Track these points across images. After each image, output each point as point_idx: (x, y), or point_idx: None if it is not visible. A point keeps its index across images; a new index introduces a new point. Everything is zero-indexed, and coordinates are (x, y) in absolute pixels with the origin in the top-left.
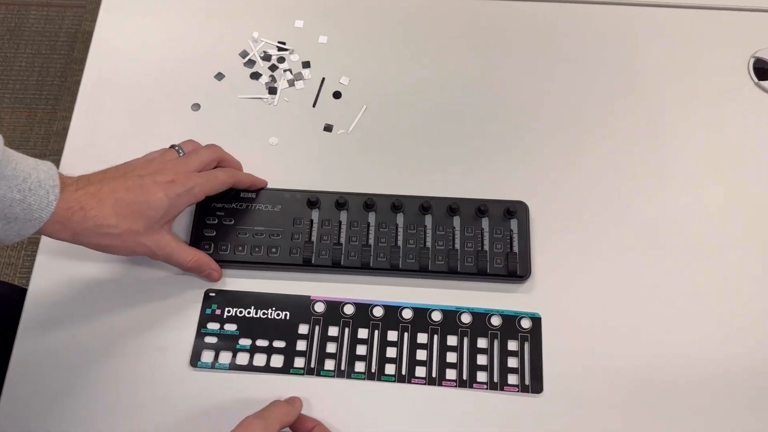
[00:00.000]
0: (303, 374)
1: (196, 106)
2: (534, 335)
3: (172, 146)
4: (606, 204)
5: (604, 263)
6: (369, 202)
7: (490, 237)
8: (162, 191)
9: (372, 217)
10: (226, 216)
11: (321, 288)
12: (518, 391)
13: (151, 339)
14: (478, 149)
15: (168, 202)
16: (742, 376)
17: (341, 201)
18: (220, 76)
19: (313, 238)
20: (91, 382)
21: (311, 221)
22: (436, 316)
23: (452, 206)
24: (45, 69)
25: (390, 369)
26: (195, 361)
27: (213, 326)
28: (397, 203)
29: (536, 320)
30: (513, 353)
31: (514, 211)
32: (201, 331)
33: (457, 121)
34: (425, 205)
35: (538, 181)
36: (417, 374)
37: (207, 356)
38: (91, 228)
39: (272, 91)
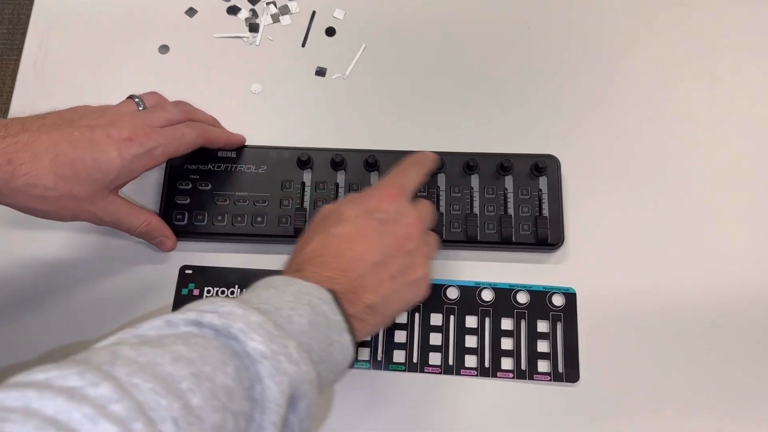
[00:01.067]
0: None
1: (164, 49)
2: (568, 314)
3: (131, 97)
4: (652, 156)
5: (651, 227)
6: (370, 159)
7: (514, 199)
8: (116, 149)
9: (374, 178)
10: (201, 179)
11: None
12: (550, 381)
13: (120, 322)
14: (499, 94)
15: (121, 164)
16: None
17: (337, 159)
18: (191, 12)
19: (306, 205)
20: None
21: (303, 184)
22: (452, 294)
23: (469, 163)
24: None
25: (399, 356)
26: None
27: None
28: None
29: (570, 296)
30: (543, 336)
31: (543, 167)
32: None
33: (474, 60)
34: (437, 162)
35: (571, 131)
36: (431, 362)
37: None
38: (20, 188)
39: (253, 28)
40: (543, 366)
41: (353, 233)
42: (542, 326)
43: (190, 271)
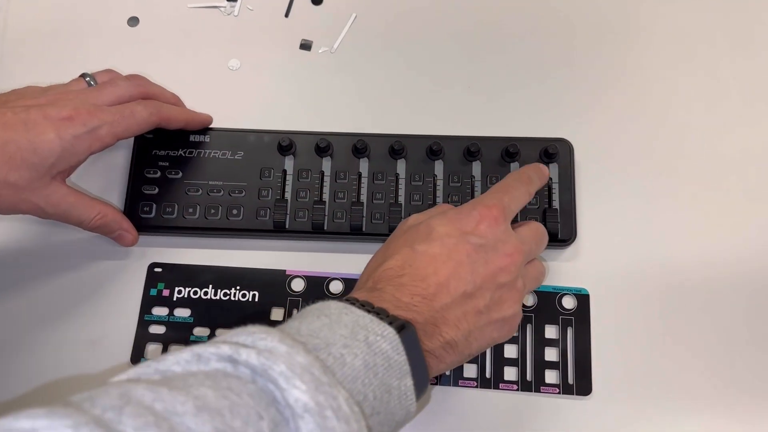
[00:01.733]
0: None
1: (133, 21)
2: (580, 318)
3: (83, 75)
4: (676, 141)
5: (675, 221)
6: (360, 145)
7: None
8: (53, 130)
9: (364, 166)
10: (171, 167)
11: (299, 260)
12: (559, 393)
13: (78, 329)
14: (504, 71)
15: (61, 146)
16: None
17: (323, 144)
18: None
19: (287, 195)
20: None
21: (284, 172)
22: None
23: (470, 148)
24: None
25: None
26: (137, 357)
27: (160, 312)
28: (396, 146)
29: (583, 298)
30: (552, 342)
31: (554, 153)
32: (144, 319)
33: (477, 32)
34: (434, 147)
35: (585, 112)
36: None
37: (153, 351)
38: None
39: None
40: (551, 377)
41: (442, 255)
42: (551, 332)
43: (159, 269)
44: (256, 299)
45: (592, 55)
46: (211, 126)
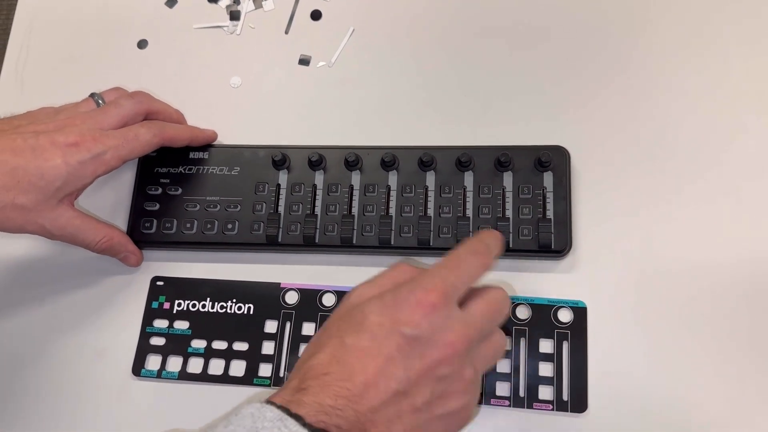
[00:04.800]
0: (269, 386)
1: (143, 43)
2: (576, 332)
3: (92, 95)
4: (678, 147)
5: (677, 231)
6: (351, 158)
7: (514, 198)
8: (60, 156)
9: (356, 178)
10: (171, 184)
11: (293, 273)
12: (553, 410)
13: (83, 341)
14: (498, 79)
15: (67, 171)
16: None
17: (315, 159)
18: (171, 3)
19: (281, 209)
20: (8, 395)
21: (278, 186)
22: None
23: (462, 159)
24: None
25: None
26: (138, 368)
27: (160, 324)
28: (388, 158)
29: (579, 311)
30: (546, 357)
31: (548, 162)
32: (146, 331)
33: (471, 42)
34: (425, 159)
35: (583, 118)
36: None
37: (153, 362)
38: None
39: (234, 16)
40: (545, 393)
41: (372, 349)
42: (545, 346)
43: (161, 283)
44: (251, 312)
45: (590, 60)
46: (210, 143)
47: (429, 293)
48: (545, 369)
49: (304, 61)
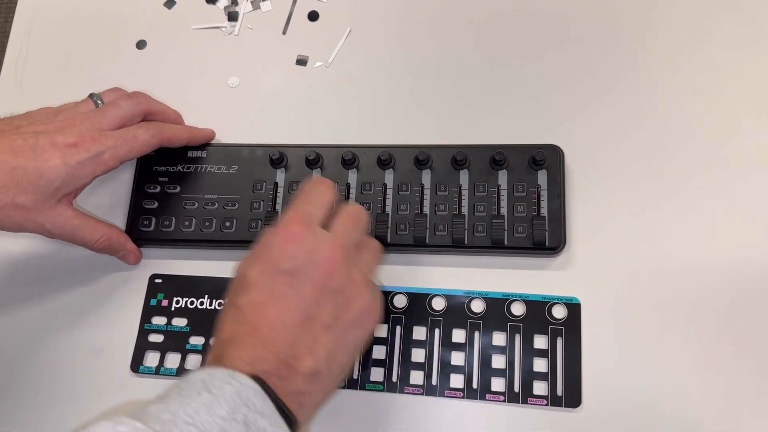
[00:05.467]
0: None
1: (141, 44)
2: (570, 328)
3: (91, 95)
4: (672, 145)
5: (670, 228)
6: (348, 156)
7: (508, 196)
8: (60, 157)
9: (353, 176)
10: (170, 182)
11: None
12: (547, 405)
13: (81, 338)
14: (493, 78)
15: (66, 171)
16: None
17: (312, 157)
18: (170, 4)
19: (278, 207)
20: (7, 392)
21: (275, 184)
22: (438, 304)
23: (457, 157)
24: None
25: (377, 375)
26: (137, 365)
27: (159, 321)
28: (384, 157)
29: (573, 307)
30: (541, 353)
31: (542, 160)
32: (144, 328)
33: (466, 42)
34: (421, 157)
35: (577, 116)
36: (412, 381)
37: (151, 359)
38: None
39: (232, 17)
40: (539, 388)
41: (262, 299)
42: (540, 342)
43: (159, 280)
44: None
45: (585, 59)
46: (208, 142)
47: (290, 226)
48: (540, 365)
49: (302, 62)
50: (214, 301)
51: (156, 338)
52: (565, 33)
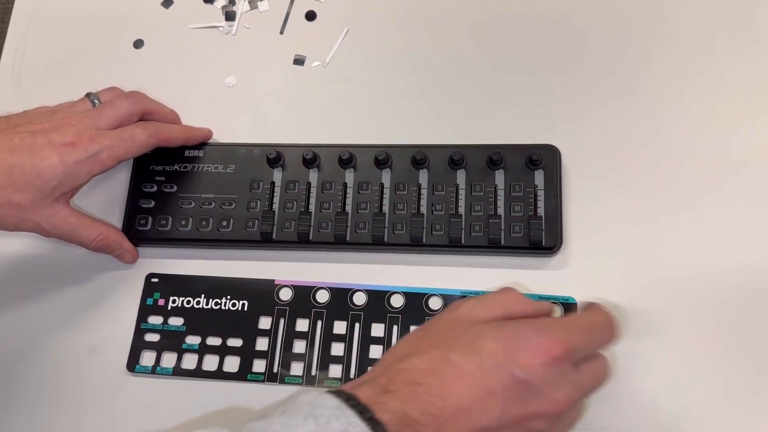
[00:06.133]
0: (263, 381)
1: (139, 43)
2: None
3: (88, 95)
4: (669, 146)
5: (667, 228)
6: (345, 156)
7: (505, 196)
8: (57, 156)
9: (350, 176)
10: (166, 181)
11: (287, 270)
12: None
13: (77, 337)
14: (490, 78)
15: (63, 170)
16: None
17: (309, 156)
18: (167, 3)
19: (275, 206)
20: (2, 392)
21: (272, 184)
22: (435, 304)
23: (454, 157)
24: None
25: None
26: (133, 364)
27: (155, 320)
28: (381, 156)
29: (570, 307)
30: None
31: (539, 160)
32: (141, 327)
33: (463, 41)
34: (418, 157)
35: (573, 116)
36: None
37: (147, 358)
38: None
39: (230, 16)
40: None
41: (475, 376)
42: None
43: (155, 280)
44: (245, 308)
45: (582, 60)
46: (205, 141)
47: (555, 344)
48: None
49: (299, 61)
50: (210, 300)
51: (152, 338)
52: (563, 33)
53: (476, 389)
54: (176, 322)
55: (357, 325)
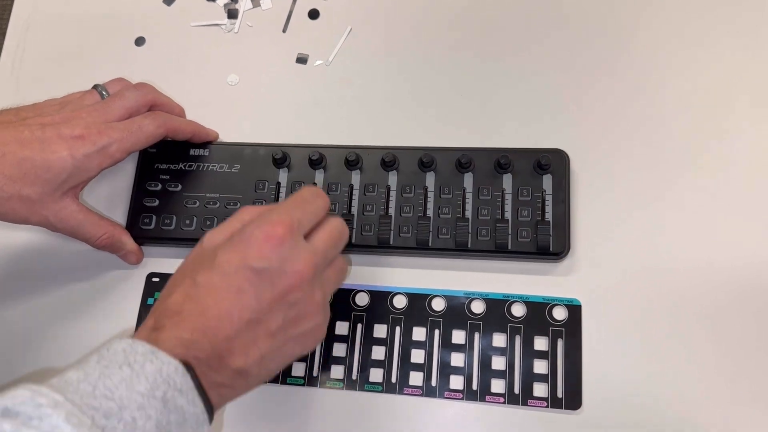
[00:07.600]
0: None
1: (140, 41)
2: (571, 330)
3: (96, 86)
4: (678, 150)
5: (676, 233)
6: (351, 157)
7: (513, 200)
8: (66, 149)
9: (356, 178)
10: (171, 180)
11: None
12: (547, 407)
13: (77, 335)
14: (499, 80)
15: (73, 164)
16: None
17: (315, 157)
18: (169, 1)
19: None
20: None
21: (278, 184)
22: (438, 305)
23: (461, 160)
24: None
25: (376, 376)
26: None
27: None
28: (388, 158)
29: (574, 309)
30: (541, 354)
31: (548, 165)
32: None
33: (470, 43)
34: (426, 159)
35: (581, 122)
36: (411, 382)
37: None
38: None
39: (232, 14)
40: (540, 390)
41: (223, 285)
42: (540, 343)
43: (157, 279)
44: None
45: (590, 63)
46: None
47: (276, 227)
48: (540, 366)
49: (302, 60)
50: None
51: None
52: (572, 37)
53: (227, 294)
54: None
55: (359, 325)
